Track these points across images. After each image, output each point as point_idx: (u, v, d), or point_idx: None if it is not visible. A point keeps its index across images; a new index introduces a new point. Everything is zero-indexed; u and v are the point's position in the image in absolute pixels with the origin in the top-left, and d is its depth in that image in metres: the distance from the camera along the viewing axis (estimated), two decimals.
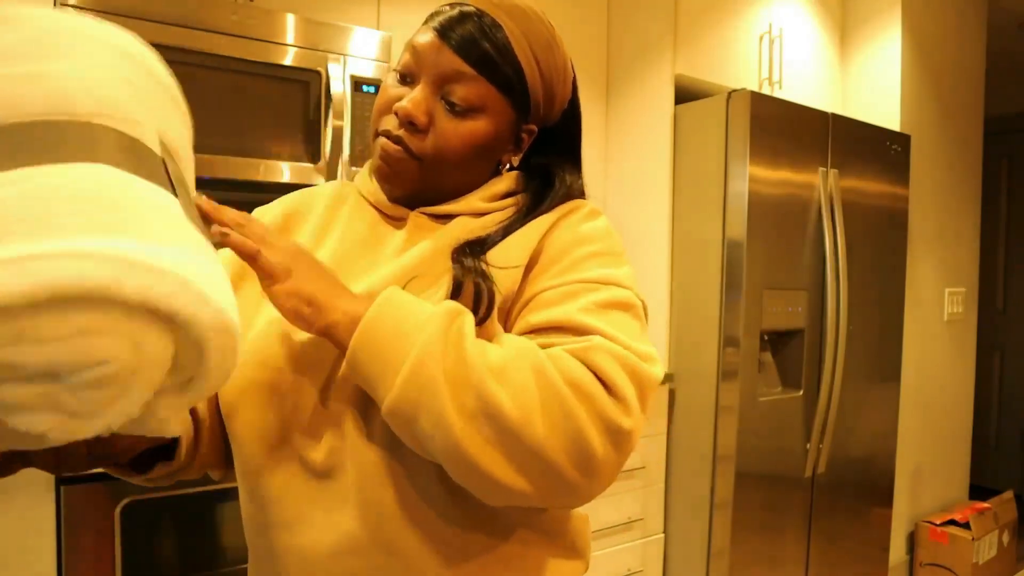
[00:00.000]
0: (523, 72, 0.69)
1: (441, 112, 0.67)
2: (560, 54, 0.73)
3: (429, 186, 0.70)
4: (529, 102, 0.70)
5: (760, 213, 2.04)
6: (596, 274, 0.64)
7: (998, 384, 3.93)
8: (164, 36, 1.52)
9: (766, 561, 2.13)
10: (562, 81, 0.74)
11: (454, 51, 0.66)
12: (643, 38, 2.32)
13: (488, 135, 0.68)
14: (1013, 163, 3.93)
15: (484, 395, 0.51)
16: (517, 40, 0.68)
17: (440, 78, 0.66)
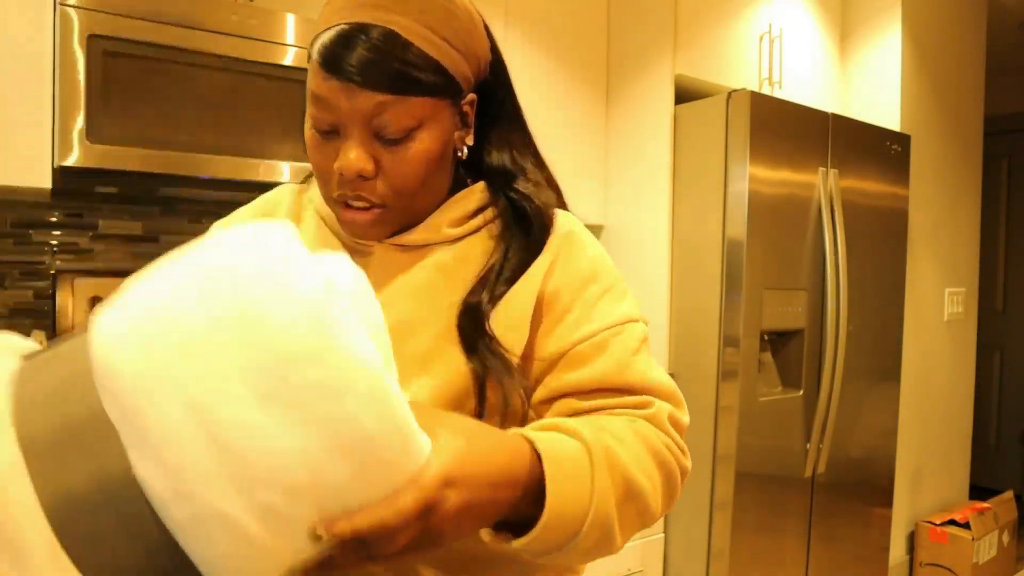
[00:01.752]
0: (439, 63, 0.62)
1: (382, 149, 0.62)
2: (461, 10, 0.65)
3: (402, 220, 0.67)
4: (458, 83, 0.65)
5: (760, 213, 2.04)
6: (615, 316, 0.68)
7: (998, 384, 3.93)
8: (164, 36, 1.52)
9: (766, 561, 2.13)
10: (475, 36, 0.67)
11: (360, 87, 0.59)
12: (643, 38, 2.32)
13: (436, 143, 0.64)
14: (1013, 163, 3.94)
15: (634, 490, 0.58)
16: (415, 33, 0.61)
17: (363, 120, 0.61)
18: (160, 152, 1.54)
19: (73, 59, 1.45)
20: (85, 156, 1.46)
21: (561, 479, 0.51)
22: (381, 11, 0.60)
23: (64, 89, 1.44)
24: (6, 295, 1.78)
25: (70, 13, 1.44)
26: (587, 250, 0.71)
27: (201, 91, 1.58)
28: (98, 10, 1.46)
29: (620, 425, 0.60)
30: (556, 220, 0.73)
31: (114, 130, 1.49)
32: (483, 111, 0.71)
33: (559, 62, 2.33)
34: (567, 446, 0.54)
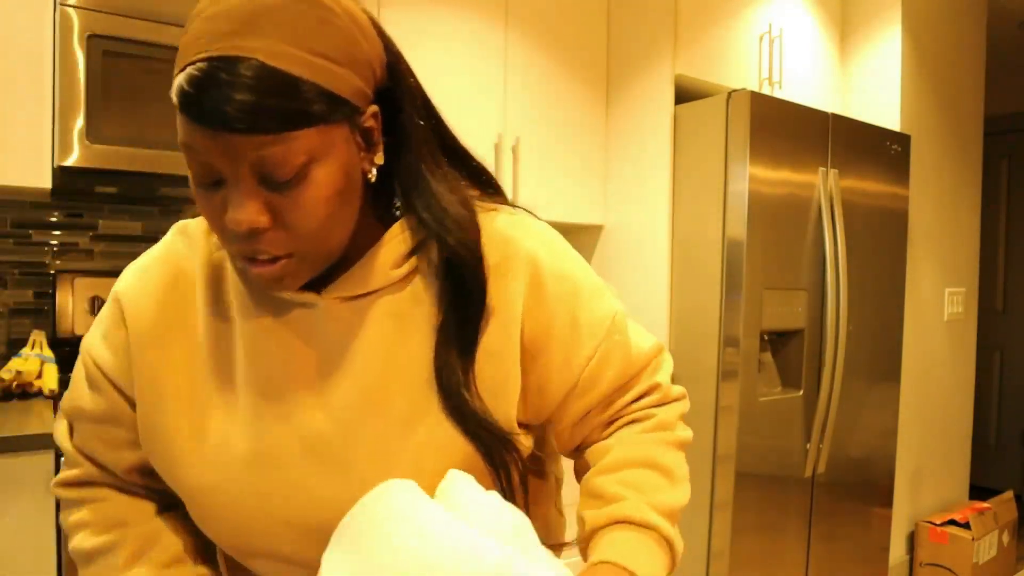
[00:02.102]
0: (320, 86, 0.53)
1: (275, 195, 0.54)
2: (341, 14, 0.56)
3: (317, 264, 0.60)
4: (349, 102, 0.56)
5: (760, 213, 2.04)
6: (602, 324, 0.68)
7: (998, 384, 3.93)
8: (164, 36, 1.52)
9: (766, 561, 2.13)
10: (363, 41, 0.58)
11: (232, 132, 0.51)
12: (643, 38, 2.33)
13: (336, 176, 0.56)
14: (1013, 163, 3.94)
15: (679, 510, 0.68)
16: (285, 58, 0.51)
17: (245, 168, 0.53)
18: (160, 152, 1.54)
19: (73, 59, 1.45)
20: (85, 156, 1.46)
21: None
22: (240, 38, 0.51)
23: (64, 89, 1.44)
24: (6, 295, 1.78)
25: (70, 13, 1.44)
26: (554, 265, 0.67)
27: None
28: (98, 10, 1.46)
29: (642, 453, 0.69)
30: (504, 234, 0.66)
31: (114, 130, 1.49)
32: (389, 121, 0.62)
33: (559, 62, 2.33)
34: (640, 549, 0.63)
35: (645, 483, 0.66)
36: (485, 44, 2.15)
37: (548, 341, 0.66)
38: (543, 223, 0.72)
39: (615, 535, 0.63)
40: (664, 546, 0.64)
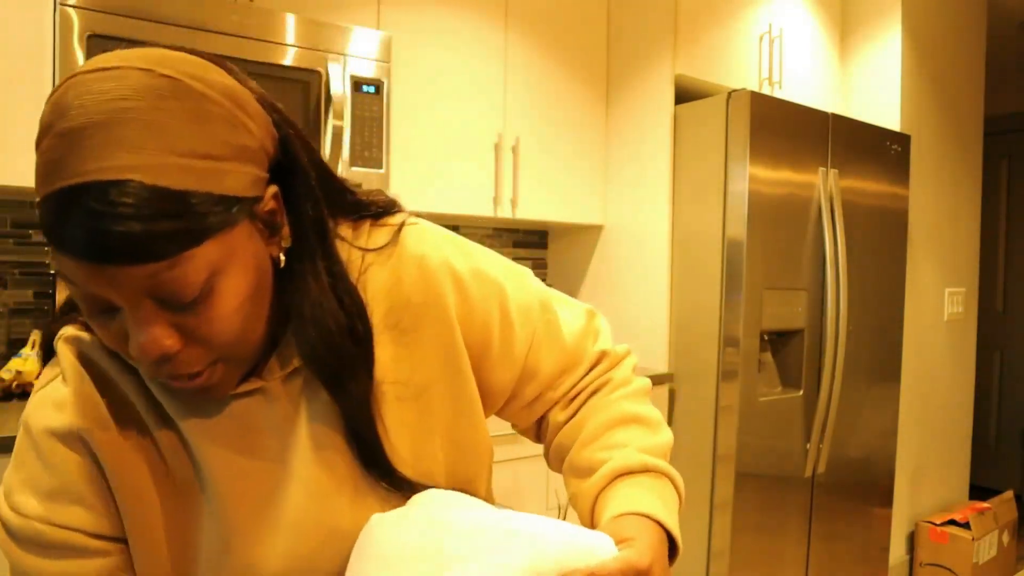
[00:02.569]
0: (213, 193, 0.46)
1: (180, 315, 0.49)
2: (219, 98, 0.48)
3: (245, 363, 0.55)
4: (245, 198, 0.49)
5: (760, 213, 2.04)
6: (525, 303, 0.69)
7: (998, 384, 3.93)
8: (164, 36, 1.52)
9: (766, 561, 2.13)
10: (250, 121, 0.50)
11: (118, 266, 0.44)
12: (643, 38, 2.33)
13: (246, 278, 0.51)
14: (1013, 163, 3.93)
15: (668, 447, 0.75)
16: (161, 171, 0.44)
17: (140, 295, 0.47)
18: None
19: (73, 59, 1.44)
20: None
21: (667, 516, 0.62)
22: (107, 156, 0.43)
23: None
24: (6, 295, 1.78)
25: (70, 13, 1.44)
26: (470, 267, 0.66)
27: None
28: (98, 10, 1.46)
29: (615, 412, 0.73)
30: (416, 255, 0.63)
31: None
32: (288, 192, 0.56)
33: (559, 62, 2.33)
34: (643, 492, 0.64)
35: (628, 437, 0.69)
36: (485, 44, 2.15)
37: (487, 341, 0.66)
38: (440, 228, 0.71)
39: (619, 490, 0.64)
40: (667, 482, 0.66)
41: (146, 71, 0.46)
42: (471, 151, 2.14)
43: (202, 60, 0.50)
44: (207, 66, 0.50)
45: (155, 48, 0.50)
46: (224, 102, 0.49)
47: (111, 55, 0.48)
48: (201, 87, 0.48)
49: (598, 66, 2.44)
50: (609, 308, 2.46)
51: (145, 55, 0.48)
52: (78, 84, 0.46)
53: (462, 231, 2.54)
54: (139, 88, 0.45)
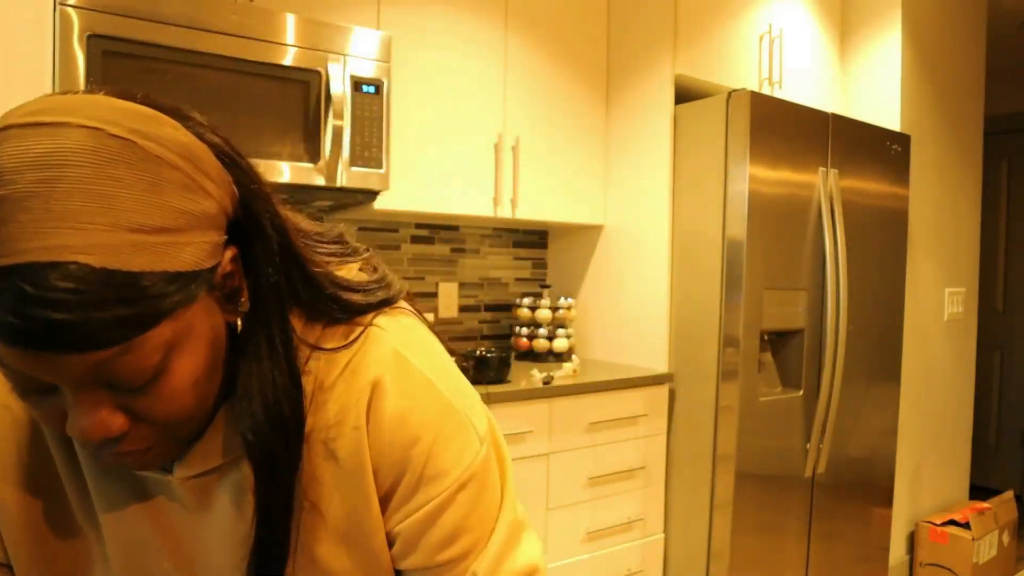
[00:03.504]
0: (168, 271, 0.42)
1: (128, 396, 0.44)
2: (176, 159, 0.43)
3: (191, 437, 0.52)
4: (201, 271, 0.44)
5: (760, 213, 2.04)
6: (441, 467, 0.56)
7: (998, 384, 3.93)
8: (164, 36, 1.52)
9: (766, 561, 2.13)
10: (207, 182, 0.45)
11: (58, 354, 0.39)
12: (643, 38, 2.33)
13: (201, 354, 0.47)
14: (1013, 163, 3.93)
15: None
16: (112, 250, 0.39)
17: (85, 381, 0.42)
18: None
19: (73, 59, 1.44)
20: None
21: None
22: (45, 234, 0.38)
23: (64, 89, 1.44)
24: None
25: (70, 13, 1.44)
26: (398, 404, 0.55)
27: (201, 91, 1.58)
28: (98, 10, 1.46)
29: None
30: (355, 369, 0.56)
31: None
32: (247, 253, 0.51)
33: (559, 62, 2.33)
34: None
35: None
36: (485, 44, 2.15)
37: (388, 488, 0.57)
38: (415, 333, 0.60)
39: None
40: None
41: (93, 130, 0.40)
42: (471, 151, 2.14)
43: (155, 112, 0.45)
44: (160, 120, 0.44)
45: (102, 98, 0.44)
46: (181, 164, 0.43)
47: (53, 102, 0.42)
48: (155, 148, 0.42)
49: (598, 66, 2.44)
50: (609, 308, 2.46)
51: (92, 107, 0.42)
52: (14, 141, 0.39)
53: (462, 231, 2.54)
54: (85, 151, 0.39)
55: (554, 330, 2.43)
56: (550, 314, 2.44)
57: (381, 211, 2.05)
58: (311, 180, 1.73)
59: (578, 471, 2.01)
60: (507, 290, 2.66)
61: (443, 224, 2.49)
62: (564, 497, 1.99)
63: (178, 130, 0.45)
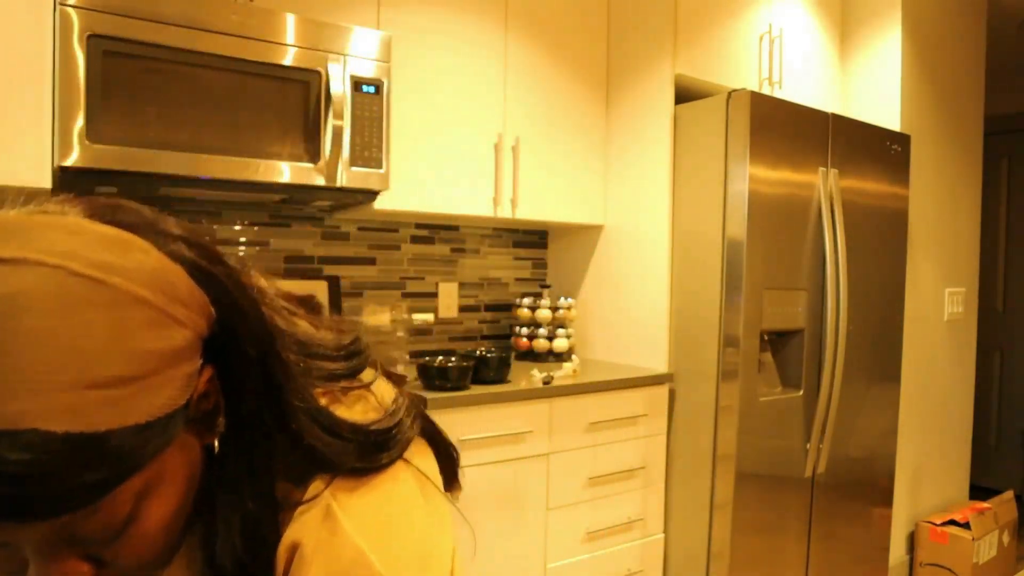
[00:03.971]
0: (140, 423, 0.38)
1: (97, 546, 0.41)
2: (146, 292, 0.39)
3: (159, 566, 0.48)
4: (173, 414, 0.40)
5: (760, 213, 2.04)
6: None
7: (998, 384, 3.93)
8: (164, 36, 1.52)
9: (766, 561, 2.13)
10: (181, 310, 0.41)
11: (26, 523, 0.36)
12: (643, 38, 2.32)
13: (174, 495, 0.43)
14: (1013, 163, 3.93)
15: None
16: (74, 412, 0.35)
17: (50, 538, 0.39)
18: (160, 152, 1.54)
19: (73, 59, 1.44)
20: (85, 156, 1.46)
21: None
22: (5, 394, 0.34)
23: (64, 89, 1.44)
24: None
25: (70, 13, 1.44)
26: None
27: (201, 91, 1.58)
28: (98, 10, 1.46)
29: None
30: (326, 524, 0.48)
31: (114, 130, 1.49)
32: (224, 365, 0.46)
33: (559, 62, 2.33)
34: None
35: None
36: (485, 44, 2.15)
37: None
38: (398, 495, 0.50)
39: None
40: None
41: (54, 269, 0.36)
42: (471, 151, 2.14)
43: (122, 236, 0.40)
44: (128, 244, 0.40)
45: (65, 220, 0.39)
46: (151, 297, 0.39)
47: (9, 226, 0.38)
48: (123, 284, 0.38)
49: (598, 66, 2.44)
50: (609, 308, 2.46)
51: (53, 236, 0.37)
52: None
53: (462, 231, 2.54)
54: (45, 296, 0.35)
55: (554, 330, 2.43)
56: (550, 314, 2.44)
57: (381, 211, 2.05)
58: (311, 180, 1.73)
59: (578, 471, 2.01)
60: (507, 290, 2.66)
61: (443, 224, 2.49)
62: (564, 497, 1.99)
63: (148, 253, 0.41)
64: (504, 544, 1.88)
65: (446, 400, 1.75)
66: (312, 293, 0.62)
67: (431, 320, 2.38)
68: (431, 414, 1.89)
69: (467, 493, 1.81)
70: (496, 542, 1.87)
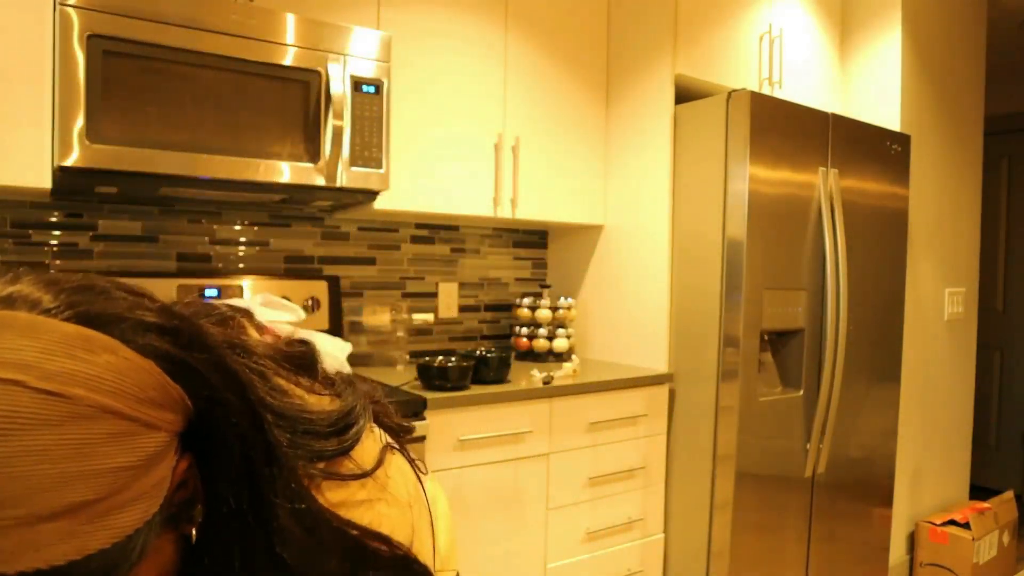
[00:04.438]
0: (98, 550, 0.34)
1: None
2: (105, 401, 0.35)
3: None
4: (143, 526, 0.36)
5: (760, 213, 2.04)
6: None
7: (998, 384, 3.93)
8: (164, 36, 1.52)
9: (766, 561, 2.13)
10: (154, 413, 0.37)
11: None
12: (643, 38, 2.32)
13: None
14: (1013, 163, 3.93)
15: None
16: (25, 549, 0.32)
17: None
18: (160, 152, 1.54)
19: (73, 59, 1.44)
20: (85, 156, 1.46)
21: None
22: None
23: (64, 89, 1.44)
24: None
25: (70, 13, 1.44)
26: None
27: (201, 91, 1.58)
28: (98, 10, 1.46)
29: None
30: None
31: (114, 130, 1.49)
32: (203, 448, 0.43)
33: (559, 62, 2.33)
34: None
35: None
36: (485, 44, 2.15)
37: None
38: None
39: None
40: None
41: (9, 385, 0.32)
42: (471, 151, 2.14)
43: (85, 335, 0.36)
44: (92, 344, 0.36)
45: (22, 320, 0.35)
46: (118, 406, 0.35)
47: None
48: (86, 394, 0.34)
49: (598, 66, 2.44)
50: (609, 308, 2.46)
51: (9, 340, 0.34)
52: None
53: (462, 231, 2.54)
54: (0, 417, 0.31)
55: (554, 330, 2.43)
56: (550, 314, 2.44)
57: (381, 211, 2.05)
58: (311, 180, 1.73)
59: (578, 471, 2.01)
60: (507, 290, 2.66)
61: (443, 224, 2.49)
62: (564, 497, 1.99)
63: (116, 353, 0.36)
64: (504, 544, 1.88)
65: (446, 400, 1.75)
66: (306, 339, 0.59)
67: (431, 320, 2.38)
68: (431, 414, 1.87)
69: (467, 493, 1.81)
70: (496, 542, 1.87)
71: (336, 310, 2.15)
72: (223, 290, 1.94)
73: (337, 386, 0.56)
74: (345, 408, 0.53)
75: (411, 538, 0.51)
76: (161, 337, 0.39)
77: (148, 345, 0.38)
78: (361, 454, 0.52)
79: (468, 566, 1.82)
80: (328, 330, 2.11)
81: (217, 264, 2.05)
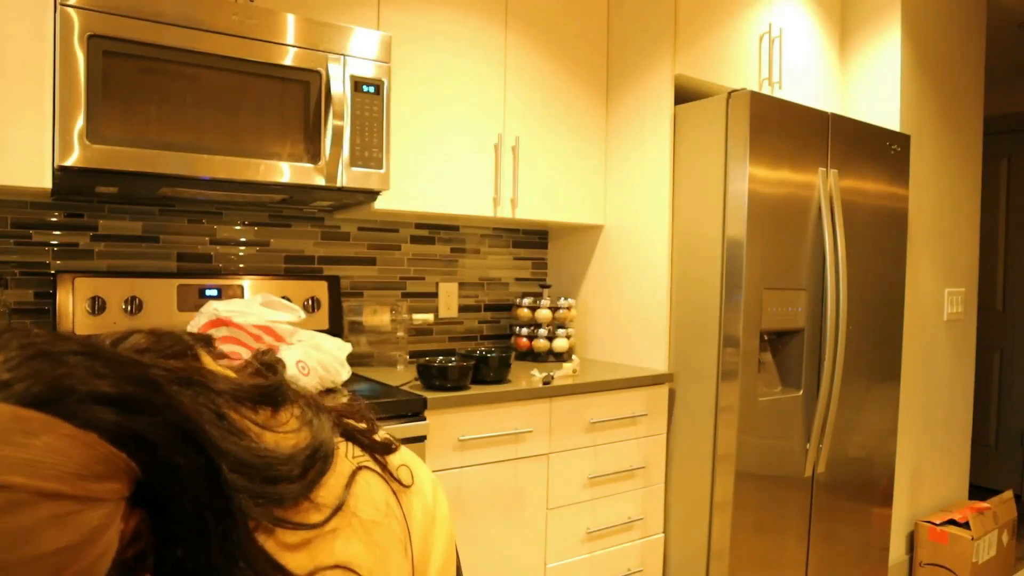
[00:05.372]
0: None
1: None
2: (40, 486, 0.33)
3: None
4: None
5: (760, 213, 2.04)
6: None
7: (998, 384, 3.93)
8: (164, 36, 1.52)
9: (766, 561, 2.13)
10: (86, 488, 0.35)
11: None
12: (643, 38, 2.33)
13: None
14: (1013, 163, 3.94)
15: None
16: None
17: None
18: (160, 152, 1.54)
19: (73, 59, 1.45)
20: (85, 156, 1.46)
21: None
22: None
23: (64, 89, 1.44)
24: (6, 295, 1.78)
25: (70, 13, 1.44)
26: None
27: (201, 91, 1.58)
28: (98, 10, 1.46)
29: None
30: None
31: (114, 130, 1.49)
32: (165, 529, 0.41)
33: (559, 62, 2.33)
34: None
35: None
36: (485, 44, 2.15)
37: None
38: None
39: None
40: None
41: None
42: (471, 151, 2.14)
43: (21, 416, 0.34)
44: (29, 425, 0.34)
45: None
46: (59, 488, 0.33)
47: None
48: (24, 481, 0.32)
49: (598, 66, 2.44)
50: (609, 308, 2.46)
51: None
52: None
53: (462, 231, 2.54)
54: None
55: (554, 330, 2.43)
56: (550, 314, 2.44)
57: (381, 211, 2.05)
58: (311, 180, 1.73)
59: (578, 471, 2.01)
60: (507, 290, 2.66)
61: (443, 224, 2.49)
62: (564, 497, 1.99)
63: (55, 431, 0.34)
64: (504, 544, 1.88)
65: (446, 400, 1.75)
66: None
67: (431, 320, 2.38)
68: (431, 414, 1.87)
69: (467, 493, 1.81)
70: (496, 542, 1.87)
71: (336, 310, 2.16)
72: (223, 290, 1.94)
73: (304, 414, 0.53)
74: (310, 446, 0.50)
75: (373, 565, 0.50)
76: (109, 408, 0.37)
77: (90, 419, 0.36)
78: (325, 493, 0.50)
79: (468, 566, 1.82)
80: (328, 330, 2.11)
81: (217, 264, 2.05)
